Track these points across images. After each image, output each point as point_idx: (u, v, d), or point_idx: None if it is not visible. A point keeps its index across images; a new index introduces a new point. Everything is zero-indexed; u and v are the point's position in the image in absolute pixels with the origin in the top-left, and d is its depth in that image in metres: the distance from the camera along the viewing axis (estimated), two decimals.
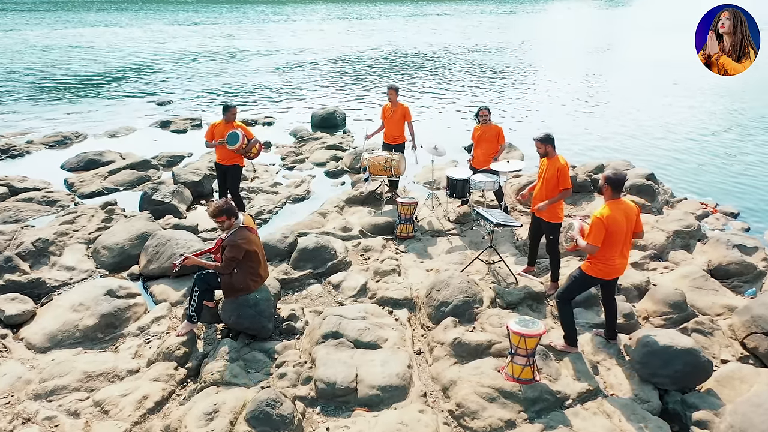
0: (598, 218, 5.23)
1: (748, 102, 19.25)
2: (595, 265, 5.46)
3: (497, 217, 7.04)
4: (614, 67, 26.02)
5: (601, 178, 5.47)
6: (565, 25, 47.36)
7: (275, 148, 13.55)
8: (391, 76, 23.34)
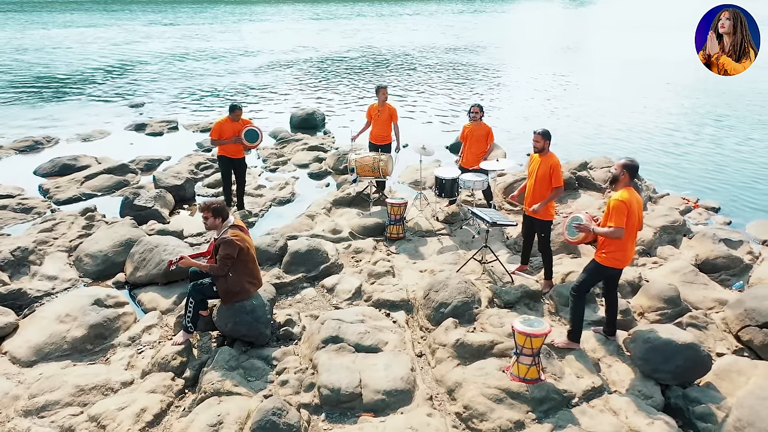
0: (620, 201, 5.23)
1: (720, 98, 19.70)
2: (613, 254, 5.45)
3: (492, 217, 7.02)
4: (585, 66, 26.39)
5: (617, 167, 5.47)
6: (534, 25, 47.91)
7: (255, 149, 13.34)
8: (367, 77, 23.25)
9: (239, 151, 8.99)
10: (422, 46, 32.24)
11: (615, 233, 5.27)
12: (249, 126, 8.85)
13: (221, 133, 8.83)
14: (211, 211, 5.60)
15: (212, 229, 5.70)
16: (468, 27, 44.53)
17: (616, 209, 5.26)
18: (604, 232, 5.36)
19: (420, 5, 65.79)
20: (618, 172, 5.46)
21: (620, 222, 5.24)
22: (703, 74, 23.43)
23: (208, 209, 5.60)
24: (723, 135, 15.10)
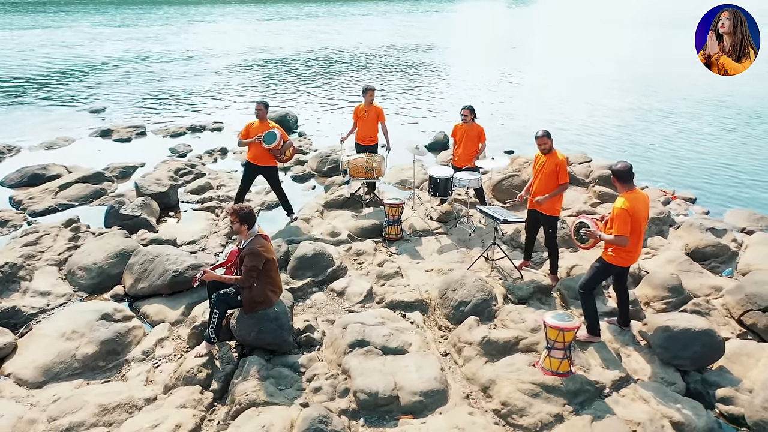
0: (622, 209, 5.37)
1: (663, 94, 20.53)
2: (618, 254, 5.61)
3: (503, 214, 7.10)
4: (533, 63, 26.90)
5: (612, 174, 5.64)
6: (481, 24, 48.62)
7: (232, 154, 13.08)
8: (331, 77, 23.11)
9: (265, 157, 8.48)
10: (377, 46, 32.26)
11: (619, 241, 5.44)
12: (271, 129, 8.42)
13: (248, 135, 8.51)
14: (239, 217, 5.46)
15: (236, 234, 5.54)
16: (419, 26, 44.86)
17: (618, 218, 5.42)
18: (609, 240, 5.51)
19: (370, 5, 65.78)
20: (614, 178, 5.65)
21: (624, 230, 5.40)
22: (641, 70, 24.59)
23: (236, 214, 5.46)
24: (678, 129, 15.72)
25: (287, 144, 8.51)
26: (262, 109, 8.50)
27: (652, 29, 43.89)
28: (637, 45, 34.54)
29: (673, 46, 33.18)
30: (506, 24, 50.14)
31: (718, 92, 20.46)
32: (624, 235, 5.37)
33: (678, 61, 27.00)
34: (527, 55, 30.02)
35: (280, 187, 8.96)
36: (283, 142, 8.42)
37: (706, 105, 18.68)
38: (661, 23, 48.14)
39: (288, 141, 8.54)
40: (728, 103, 18.88)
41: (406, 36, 37.66)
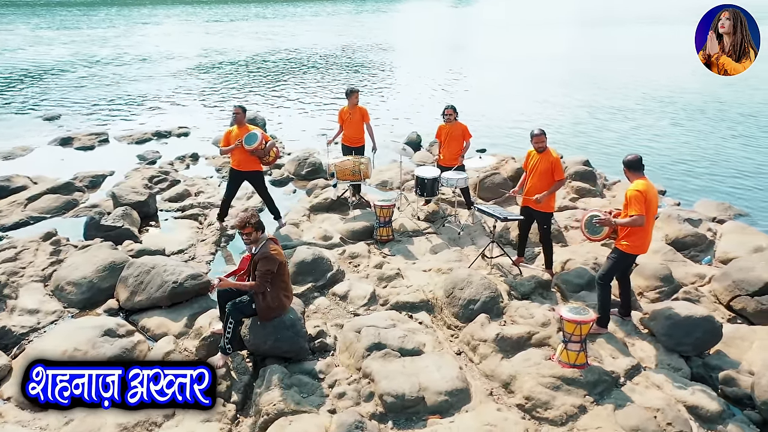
0: (637, 191, 5.58)
1: (617, 90, 21.32)
2: (635, 242, 5.80)
3: (501, 213, 7.23)
4: (485, 63, 27.39)
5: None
6: (427, 24, 49.18)
7: (204, 159, 12.80)
8: (293, 78, 22.90)
9: (249, 162, 8.33)
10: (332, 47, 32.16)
11: (637, 221, 5.63)
12: (252, 131, 8.26)
13: (229, 142, 8.34)
14: (253, 226, 5.36)
15: (253, 244, 5.45)
16: (369, 26, 45.00)
17: (633, 198, 5.62)
18: (626, 222, 5.70)
19: (318, 6, 65.45)
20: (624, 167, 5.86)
21: (640, 209, 5.61)
22: (584, 67, 25.50)
23: (249, 224, 5.34)
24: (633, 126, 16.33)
25: (270, 144, 8.39)
26: (240, 113, 8.36)
27: (588, 28, 45.37)
28: (576, 43, 35.71)
29: (609, 44, 34.55)
30: (452, 23, 50.91)
31: (661, 88, 21.41)
32: (641, 214, 5.55)
33: (617, 59, 28.13)
34: (475, 54, 30.59)
35: (267, 192, 8.84)
36: (265, 143, 8.29)
37: (652, 101, 19.46)
38: (596, 22, 49.87)
39: (270, 141, 8.43)
40: (673, 99, 19.73)
41: (358, 36, 37.70)
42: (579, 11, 63.06)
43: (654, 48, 32.91)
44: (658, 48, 32.86)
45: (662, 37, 38.05)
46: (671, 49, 32.44)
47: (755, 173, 12.38)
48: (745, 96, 20.15)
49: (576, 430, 4.87)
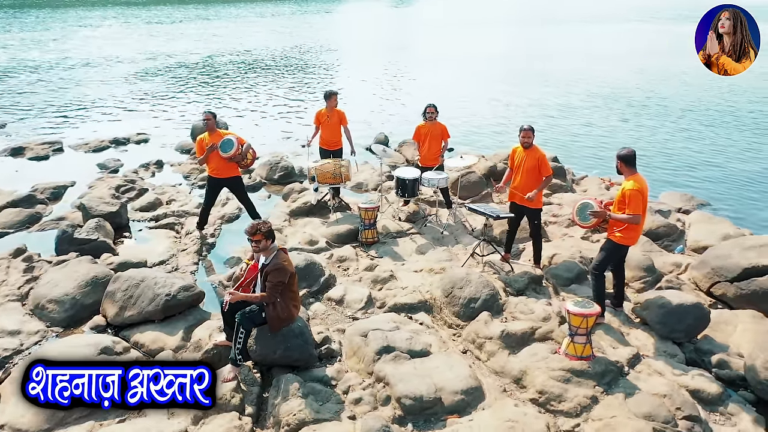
0: (635, 190, 5.76)
1: (565, 87, 22.01)
2: (628, 234, 6.01)
3: (493, 211, 7.34)
4: (432, 62, 27.72)
5: (616, 159, 6.01)
6: (370, 24, 49.47)
7: (170, 166, 12.43)
8: (248, 80, 22.50)
9: (226, 168, 8.14)
10: (282, 48, 31.83)
11: (633, 220, 5.85)
12: (227, 136, 8.06)
13: (203, 150, 8.12)
14: (264, 234, 5.24)
15: (262, 252, 5.33)
16: (316, 27, 44.81)
17: (632, 198, 5.81)
18: (623, 219, 5.89)
19: (260, 6, 64.57)
20: (616, 162, 6.04)
21: (638, 209, 5.82)
22: (528, 66, 26.29)
23: (258, 232, 5.22)
24: (585, 122, 16.92)
25: (246, 147, 8.21)
26: (211, 119, 8.12)
27: (527, 27, 46.62)
28: (517, 42, 36.69)
29: (550, 43, 35.67)
30: (395, 23, 51.38)
31: (605, 85, 22.26)
32: (638, 214, 5.76)
33: (558, 57, 29.08)
34: (422, 54, 30.91)
35: (248, 198, 8.67)
36: (242, 146, 8.13)
37: (598, 98, 20.17)
38: (536, 21, 51.29)
39: (246, 144, 8.25)
40: (617, 96, 20.53)
41: (306, 37, 37.50)
42: (517, 11, 64.61)
43: (596, 46, 34.14)
44: (600, 46, 34.11)
45: (601, 36, 39.47)
46: (613, 47, 33.75)
47: (705, 165, 13.02)
48: (681, 92, 21.19)
49: (591, 420, 5.01)
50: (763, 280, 6.72)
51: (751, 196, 11.19)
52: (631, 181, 5.91)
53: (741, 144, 14.65)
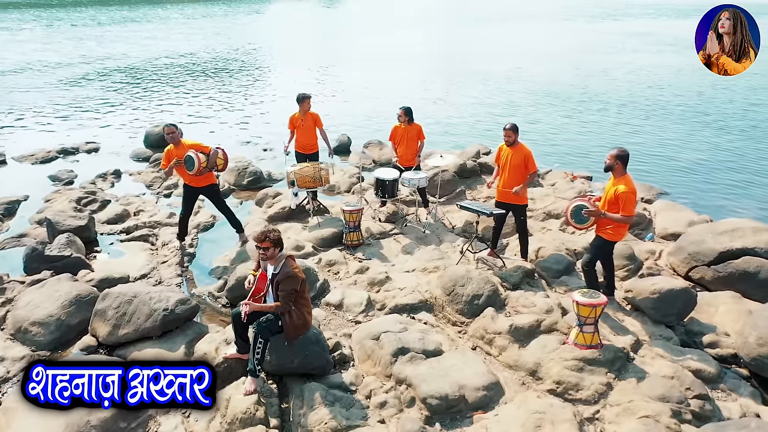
0: (630, 192, 5.99)
1: (506, 85, 22.66)
2: (617, 231, 6.26)
3: (485, 208, 7.47)
4: (371, 62, 27.92)
5: (609, 157, 6.21)
6: (298, 24, 49.00)
7: (129, 175, 11.92)
8: (191, 84, 21.82)
9: (201, 178, 7.89)
10: (218, 50, 31.09)
11: (627, 221, 6.12)
12: (187, 152, 7.70)
13: (168, 161, 7.85)
14: (272, 242, 5.12)
15: (269, 260, 5.22)
16: (252, 29, 44.05)
17: (627, 201, 6.03)
18: (617, 219, 6.11)
19: (190, 7, 62.74)
20: (611, 162, 6.23)
21: (632, 211, 6.08)
22: (459, 65, 26.92)
23: (267, 239, 5.10)
24: (531, 120, 17.43)
25: (212, 156, 7.90)
26: (174, 132, 7.82)
27: (458, 26, 47.53)
28: (451, 41, 37.36)
29: (482, 41, 36.59)
30: (329, 23, 51.15)
31: (543, 82, 23.06)
32: (632, 215, 6.01)
33: (495, 54, 29.85)
34: (360, 54, 30.84)
35: (225, 205, 8.44)
36: (206, 157, 7.85)
37: (537, 94, 20.84)
38: (467, 20, 52.44)
39: (212, 150, 7.95)
40: (555, 91, 21.31)
41: (242, 39, 36.71)
42: (445, 10, 65.61)
43: (530, 44, 35.24)
44: (534, 44, 35.24)
45: (534, 34, 40.77)
46: (546, 45, 34.94)
47: (652, 156, 13.69)
48: (615, 87, 22.23)
49: (609, 405, 5.20)
50: (739, 262, 7.15)
51: (700, 184, 11.87)
52: (623, 184, 6.12)
53: (681, 135, 15.50)
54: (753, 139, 15.21)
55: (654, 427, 4.76)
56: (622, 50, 32.51)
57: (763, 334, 5.70)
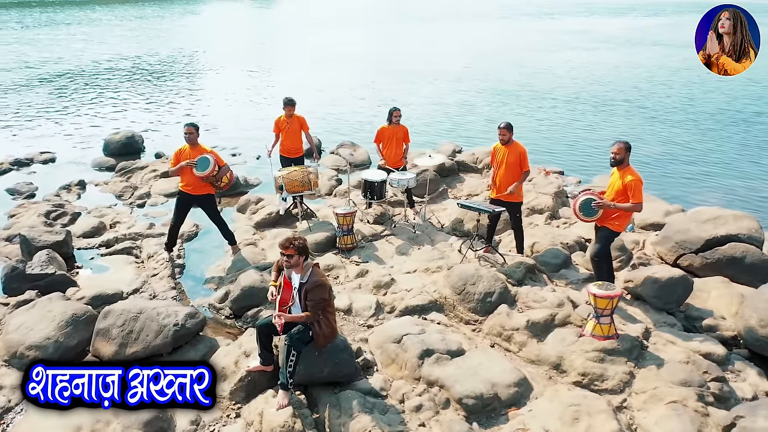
0: (638, 180, 6.20)
1: (456, 84, 23.05)
2: (622, 222, 6.47)
3: (488, 206, 7.54)
4: (312, 63, 27.84)
5: (618, 150, 6.38)
6: (232, 25, 48.28)
7: (95, 186, 11.38)
8: (143, 87, 21.04)
9: (199, 185, 7.62)
10: (159, 53, 30.14)
11: (638, 208, 6.32)
12: (204, 154, 7.56)
13: (178, 161, 7.60)
14: (296, 249, 5.00)
15: (294, 269, 5.09)
16: (182, 30, 42.92)
17: (636, 188, 6.25)
18: (628, 207, 6.32)
19: (121, 9, 60.39)
20: (623, 154, 6.43)
21: (641, 198, 6.29)
22: (408, 64, 27.26)
23: (292, 246, 4.98)
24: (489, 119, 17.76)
25: (224, 169, 7.78)
26: (193, 132, 7.66)
27: (398, 25, 47.94)
28: (392, 40, 37.62)
29: (424, 40, 37.04)
30: (266, 24, 50.46)
31: (487, 79, 23.60)
32: (641, 203, 6.20)
33: (434, 53, 30.30)
34: (307, 55, 30.60)
35: (220, 216, 8.20)
36: (219, 168, 7.70)
37: (491, 94, 21.34)
38: (407, 19, 52.96)
39: (225, 166, 7.82)
40: (506, 89, 21.89)
41: (179, 41, 35.75)
42: (383, 9, 65.81)
43: (472, 43, 35.91)
44: (475, 43, 35.93)
45: (473, 33, 41.56)
46: (486, 44, 35.68)
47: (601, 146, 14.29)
48: (561, 82, 23.01)
49: (634, 393, 5.36)
50: (725, 248, 7.52)
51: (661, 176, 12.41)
52: (629, 174, 6.34)
53: (633, 128, 16.19)
54: (700, 131, 16.06)
55: (683, 411, 4.95)
56: (562, 48, 33.58)
57: (764, 316, 6.02)
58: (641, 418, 5.08)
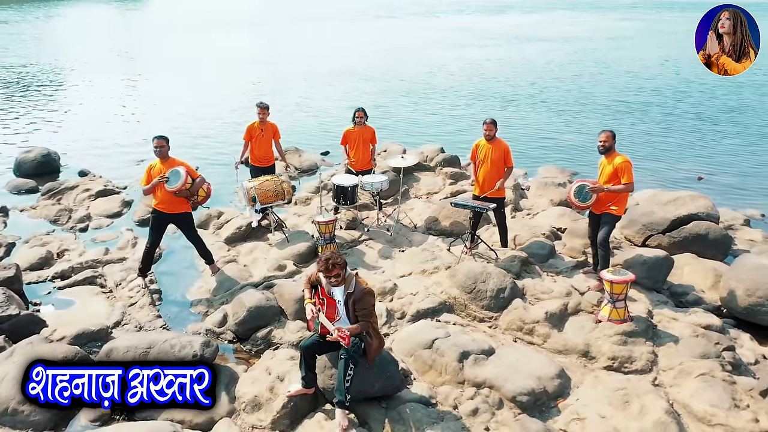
0: (627, 162, 6.52)
1: (387, 85, 23.26)
2: (621, 206, 6.80)
3: (481, 205, 7.60)
4: (212, 67, 27.05)
5: (606, 138, 6.68)
6: (102, 29, 45.30)
7: (20, 211, 10.19)
8: (39, 95, 19.12)
9: (174, 203, 7.02)
10: (34, 61, 27.64)
11: (630, 188, 6.66)
12: (175, 167, 6.98)
13: (150, 178, 6.97)
14: (340, 266, 4.77)
15: (342, 283, 4.87)
16: (54, 35, 39.63)
17: (627, 169, 6.59)
18: (622, 189, 6.65)
19: None
20: (611, 141, 6.75)
21: (632, 179, 6.63)
22: (314, 65, 27.22)
23: (336, 266, 4.74)
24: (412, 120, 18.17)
25: (198, 182, 7.27)
26: (164, 145, 7.08)
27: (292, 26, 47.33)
28: (287, 42, 37.05)
29: (315, 41, 37.00)
30: (123, 27, 47.66)
31: (394, 77, 24.05)
32: (632, 182, 6.53)
33: (333, 55, 30.36)
34: (193, 57, 29.59)
35: (197, 235, 7.64)
36: (193, 180, 7.20)
37: (396, 94, 21.75)
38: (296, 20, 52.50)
39: (199, 178, 7.32)
40: (414, 87, 22.39)
41: (53, 47, 32.88)
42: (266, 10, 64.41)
43: (365, 43, 36.23)
44: (368, 43, 36.29)
45: (364, 33, 41.94)
46: (377, 43, 36.18)
47: (545, 139, 14.99)
48: (459, 79, 23.89)
49: (662, 371, 5.67)
50: (690, 227, 8.15)
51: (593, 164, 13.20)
52: (618, 157, 6.68)
53: (556, 120, 17.11)
54: (620, 115, 17.27)
55: (714, 382, 5.31)
56: (452, 45, 34.66)
57: (750, 286, 6.58)
58: (675, 393, 5.38)
